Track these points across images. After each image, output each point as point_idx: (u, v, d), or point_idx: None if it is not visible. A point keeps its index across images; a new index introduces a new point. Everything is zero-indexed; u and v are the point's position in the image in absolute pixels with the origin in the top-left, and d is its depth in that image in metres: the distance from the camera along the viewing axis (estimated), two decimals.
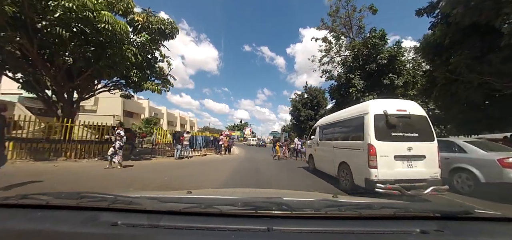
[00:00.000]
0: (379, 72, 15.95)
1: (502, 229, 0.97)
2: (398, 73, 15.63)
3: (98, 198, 1.06)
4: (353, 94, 16.03)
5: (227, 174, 7.73)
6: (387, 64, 15.58)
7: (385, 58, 15.45)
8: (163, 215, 0.90)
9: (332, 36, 19.40)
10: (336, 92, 17.87)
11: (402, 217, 0.98)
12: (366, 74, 16.57)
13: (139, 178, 6.42)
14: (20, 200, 0.96)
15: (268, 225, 0.83)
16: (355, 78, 16.33)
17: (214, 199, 1.33)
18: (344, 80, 16.88)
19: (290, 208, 0.98)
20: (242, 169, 9.08)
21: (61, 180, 5.67)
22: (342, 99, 17.22)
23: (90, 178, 6.04)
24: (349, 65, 17.15)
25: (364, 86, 16.22)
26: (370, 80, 16.60)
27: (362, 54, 16.60)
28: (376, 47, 15.98)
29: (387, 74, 15.57)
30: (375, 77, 16.56)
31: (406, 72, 15.91)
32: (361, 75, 16.53)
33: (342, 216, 0.96)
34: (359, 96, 16.01)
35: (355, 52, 16.78)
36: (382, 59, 15.47)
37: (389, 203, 1.41)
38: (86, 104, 30.70)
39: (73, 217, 0.88)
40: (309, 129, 37.67)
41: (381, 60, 15.49)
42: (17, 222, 0.84)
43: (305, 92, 38.67)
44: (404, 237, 0.86)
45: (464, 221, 0.99)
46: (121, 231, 0.80)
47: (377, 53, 15.96)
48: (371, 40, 16.19)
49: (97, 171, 7.10)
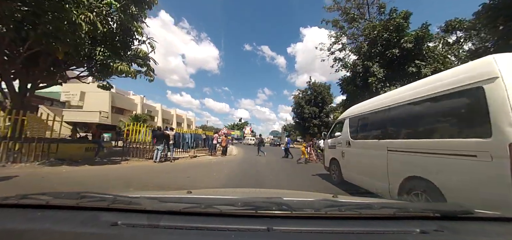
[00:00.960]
0: (403, 58, 13.44)
1: (502, 229, 0.96)
2: (425, 60, 13.14)
3: (98, 198, 1.04)
4: (373, 84, 13.54)
5: (218, 185, 5.33)
6: (413, 48, 13.07)
7: (411, 41, 12.94)
8: (163, 215, 0.89)
9: (344, 19, 16.88)
10: (350, 83, 15.34)
11: (402, 217, 0.97)
12: (386, 62, 14.08)
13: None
14: (20, 200, 0.96)
15: (268, 225, 0.82)
16: (374, 66, 13.83)
17: (214, 199, 1.30)
18: (360, 68, 14.36)
19: (290, 208, 0.98)
20: (239, 177, 6.64)
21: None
22: (357, 91, 14.71)
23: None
24: (366, 51, 14.62)
25: (384, 75, 13.73)
26: (391, 68, 14.11)
27: (381, 38, 14.09)
28: (400, 29, 13.47)
29: (412, 60, 13.07)
30: (396, 65, 14.07)
31: (434, 59, 13.40)
32: (380, 62, 14.03)
33: (342, 216, 0.95)
34: (379, 86, 13.54)
35: (374, 35, 14.25)
36: (407, 42, 12.96)
37: (389, 203, 1.40)
38: (72, 100, 28.44)
39: (73, 217, 0.88)
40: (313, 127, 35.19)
41: (405, 44, 12.98)
42: (17, 222, 0.84)
43: (309, 88, 36.13)
44: (404, 237, 0.85)
45: (464, 221, 0.98)
46: (121, 231, 0.79)
47: (400, 36, 13.45)
48: (393, 21, 13.68)
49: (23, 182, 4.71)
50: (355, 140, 4.91)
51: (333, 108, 36.06)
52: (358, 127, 4.90)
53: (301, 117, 35.44)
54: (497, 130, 2.11)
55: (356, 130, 4.94)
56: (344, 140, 5.35)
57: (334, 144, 6.04)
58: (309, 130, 34.70)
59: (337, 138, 5.87)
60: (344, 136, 5.43)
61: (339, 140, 5.67)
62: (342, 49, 17.04)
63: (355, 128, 4.99)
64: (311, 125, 34.07)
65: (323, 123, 34.63)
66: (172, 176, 6.51)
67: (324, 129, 36.39)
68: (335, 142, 5.97)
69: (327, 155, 6.60)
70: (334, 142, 6.06)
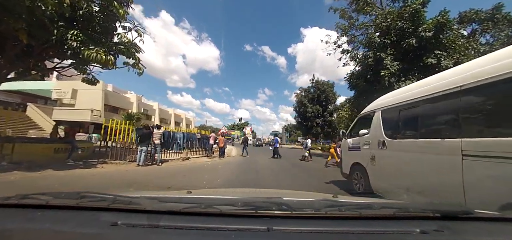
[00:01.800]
0: (421, 49, 12.07)
1: (501, 229, 0.96)
2: (446, 50, 11.76)
3: (98, 198, 1.04)
4: (385, 78, 12.18)
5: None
6: (432, 37, 11.70)
7: (430, 29, 11.57)
8: (163, 215, 0.88)
9: (353, 9, 15.51)
10: (360, 78, 13.95)
11: (402, 217, 0.97)
12: (400, 53, 12.73)
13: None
14: (20, 200, 0.96)
15: (268, 225, 0.81)
16: (387, 58, 12.46)
17: (214, 199, 1.30)
18: (371, 60, 12.98)
19: (290, 208, 0.97)
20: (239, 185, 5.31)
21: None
22: (367, 86, 13.34)
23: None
24: (378, 42, 13.24)
25: (399, 68, 12.36)
26: (406, 61, 12.76)
27: (395, 28, 12.73)
28: (416, 16, 12.10)
29: (432, 51, 11.70)
30: (412, 57, 12.72)
31: (455, 49, 12.02)
32: (394, 54, 12.66)
33: (342, 216, 0.94)
34: (392, 81, 12.20)
35: (387, 24, 12.89)
36: (425, 31, 11.59)
37: (389, 203, 1.39)
38: (64, 98, 27.21)
39: (73, 217, 0.88)
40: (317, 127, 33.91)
41: (424, 33, 11.60)
42: (17, 222, 0.84)
43: (312, 86, 34.74)
44: (404, 237, 0.84)
45: (464, 221, 0.97)
46: (120, 231, 0.79)
47: (417, 24, 12.08)
48: (409, 8, 12.31)
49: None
50: (394, 140, 3.55)
51: (337, 107, 34.73)
52: (399, 121, 3.56)
53: (303, 116, 34.06)
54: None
55: (396, 126, 3.61)
56: (375, 139, 4.03)
57: (357, 145, 4.71)
58: (312, 130, 33.32)
59: (361, 137, 4.56)
60: (374, 134, 4.11)
61: (366, 140, 4.37)
62: (350, 41, 15.65)
63: (395, 123, 3.65)
64: (314, 124, 32.71)
65: (326, 122, 33.26)
66: (149, 187, 5.16)
67: (328, 128, 35.22)
68: (358, 142, 4.65)
69: (346, 159, 5.27)
70: (357, 143, 4.74)
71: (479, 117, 2.35)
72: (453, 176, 2.41)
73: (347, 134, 5.35)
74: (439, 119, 2.86)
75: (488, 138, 2.17)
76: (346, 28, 15.47)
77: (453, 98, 2.59)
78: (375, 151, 3.97)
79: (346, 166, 5.11)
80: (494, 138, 2.12)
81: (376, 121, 4.09)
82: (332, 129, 33.12)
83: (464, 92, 2.46)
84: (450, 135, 2.54)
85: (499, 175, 2.04)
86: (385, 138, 3.72)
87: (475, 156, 2.24)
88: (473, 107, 2.40)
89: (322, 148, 26.92)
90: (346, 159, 5.21)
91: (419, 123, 3.12)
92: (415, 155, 3.05)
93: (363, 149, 4.39)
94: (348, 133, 5.35)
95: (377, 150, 3.90)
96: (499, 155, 2.04)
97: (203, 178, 6.43)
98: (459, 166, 2.35)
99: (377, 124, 4.04)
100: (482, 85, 2.28)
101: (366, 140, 4.32)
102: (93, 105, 25.35)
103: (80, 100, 26.35)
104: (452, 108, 2.60)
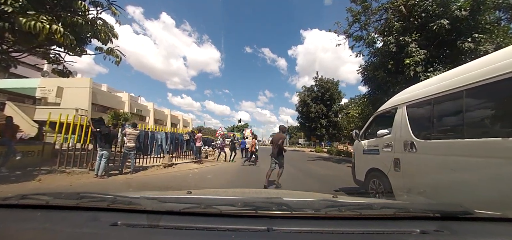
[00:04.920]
0: (453, 32, 10.07)
1: (501, 229, 0.96)
2: (485, 33, 9.76)
3: (98, 198, 1.03)
4: (411, 67, 10.20)
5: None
6: (468, 17, 9.72)
7: (466, 8, 9.59)
8: (162, 215, 0.88)
9: None
10: (379, 68, 11.92)
11: (402, 217, 0.96)
12: (425, 39, 10.75)
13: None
14: (20, 200, 0.95)
15: (268, 225, 0.81)
16: (411, 44, 10.47)
17: (214, 199, 1.28)
18: (393, 46, 10.98)
19: (290, 208, 0.96)
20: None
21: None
22: (388, 78, 11.30)
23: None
24: (399, 27, 11.25)
25: (426, 56, 10.37)
26: (435, 46, 10.78)
27: (420, 8, 10.75)
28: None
29: (468, 34, 9.71)
30: (440, 43, 10.75)
31: (495, 33, 10.02)
32: (419, 39, 10.68)
33: (342, 216, 0.94)
34: (418, 70, 10.21)
35: (412, 3, 10.91)
36: (461, 9, 9.60)
37: (389, 203, 1.38)
38: (49, 96, 25.27)
39: (73, 217, 0.88)
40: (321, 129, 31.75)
41: (458, 12, 9.61)
42: (17, 222, 0.84)
43: (316, 84, 32.71)
44: (404, 237, 0.84)
45: (464, 221, 0.97)
46: (120, 231, 0.79)
47: (446, 3, 10.07)
48: None
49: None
50: (427, 141, 2.91)
51: (342, 107, 32.65)
52: (434, 118, 2.91)
53: (306, 116, 32.00)
54: None
55: (430, 124, 2.98)
56: (399, 141, 3.40)
57: (374, 148, 4.02)
58: (315, 131, 31.25)
59: (380, 138, 3.86)
60: (397, 134, 3.46)
61: (387, 142, 3.70)
62: (363, 28, 13.63)
63: (427, 120, 3.05)
64: (318, 125, 30.61)
65: (331, 123, 31.18)
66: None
67: (333, 130, 33.15)
68: (376, 144, 3.96)
69: (360, 163, 4.46)
70: (374, 145, 4.04)
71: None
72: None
73: (361, 135, 4.56)
74: (499, 111, 2.21)
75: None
76: (360, 13, 13.45)
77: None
78: (400, 155, 3.34)
79: (360, 172, 4.36)
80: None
81: (400, 119, 3.48)
82: (338, 131, 31.03)
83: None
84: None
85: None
86: (413, 139, 3.12)
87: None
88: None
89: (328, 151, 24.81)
90: (360, 164, 4.46)
91: (465, 118, 2.51)
92: (461, 159, 2.42)
93: (384, 153, 3.75)
94: (362, 133, 4.58)
95: (403, 153, 3.29)
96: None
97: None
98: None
99: (401, 122, 3.44)
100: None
101: (387, 142, 3.69)
102: (80, 104, 23.36)
103: (66, 99, 24.40)
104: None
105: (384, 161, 3.68)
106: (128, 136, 6.62)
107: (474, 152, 2.28)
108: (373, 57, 13.29)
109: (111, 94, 29.49)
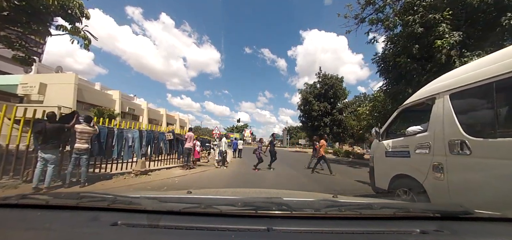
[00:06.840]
0: (496, 4, 8.28)
1: (501, 229, 0.95)
2: None
3: (98, 198, 1.02)
4: (443, 51, 8.41)
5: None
6: None
7: None
8: (163, 215, 0.87)
9: None
10: (401, 54, 10.08)
11: (402, 217, 0.95)
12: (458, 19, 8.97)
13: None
14: (20, 200, 0.93)
15: (268, 225, 0.80)
16: (443, 23, 8.68)
17: (214, 199, 1.26)
18: (418, 27, 9.16)
19: (290, 208, 0.95)
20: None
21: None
22: (413, 65, 9.47)
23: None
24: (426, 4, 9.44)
25: (461, 37, 8.57)
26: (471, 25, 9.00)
27: None
28: None
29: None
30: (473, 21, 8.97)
31: None
32: (451, 18, 8.89)
33: (342, 216, 0.92)
34: (452, 54, 8.44)
35: None
36: None
37: (389, 203, 1.33)
38: (31, 94, 23.39)
39: (73, 217, 0.87)
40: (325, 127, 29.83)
41: None
42: (17, 222, 0.83)
43: (318, 81, 30.89)
44: (404, 237, 0.83)
45: (464, 221, 0.95)
46: (121, 231, 0.78)
47: None
48: None
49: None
50: (488, 140, 2.06)
51: (347, 104, 30.85)
52: (497, 107, 2.05)
53: (309, 115, 30.16)
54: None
55: (490, 116, 2.17)
56: (441, 140, 2.50)
57: (402, 150, 3.14)
58: (318, 131, 29.45)
59: (410, 137, 3.02)
60: (438, 132, 2.57)
61: (421, 141, 2.81)
62: (379, 10, 11.83)
63: (485, 112, 2.25)
64: (322, 124, 28.78)
65: (336, 122, 29.37)
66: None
67: (337, 128, 31.40)
68: (406, 145, 3.09)
69: (381, 168, 3.63)
70: (402, 146, 3.17)
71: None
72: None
73: (382, 133, 3.74)
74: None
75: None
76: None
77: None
78: (444, 159, 2.48)
79: (382, 178, 3.56)
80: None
81: (441, 112, 2.60)
82: (342, 129, 29.20)
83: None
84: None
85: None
86: (465, 137, 2.23)
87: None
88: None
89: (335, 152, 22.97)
90: (382, 169, 3.68)
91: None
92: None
93: (417, 155, 2.92)
94: (383, 131, 3.76)
95: (448, 156, 2.43)
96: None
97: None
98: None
99: (444, 115, 2.55)
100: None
101: (422, 141, 2.83)
102: (64, 101, 21.48)
103: (49, 96, 22.53)
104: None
105: (417, 166, 2.96)
106: (79, 135, 4.80)
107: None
108: (392, 44, 11.47)
109: (100, 92, 27.58)
